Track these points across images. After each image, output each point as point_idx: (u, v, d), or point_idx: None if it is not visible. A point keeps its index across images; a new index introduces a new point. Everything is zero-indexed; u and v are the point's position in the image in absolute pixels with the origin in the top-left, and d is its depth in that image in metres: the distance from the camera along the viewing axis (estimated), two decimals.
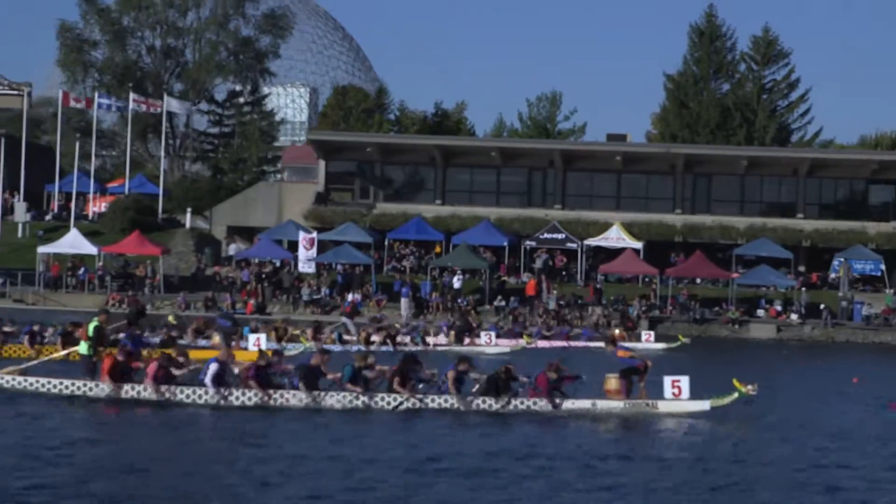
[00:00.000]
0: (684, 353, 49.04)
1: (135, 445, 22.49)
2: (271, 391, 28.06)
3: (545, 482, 19.52)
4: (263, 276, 69.22)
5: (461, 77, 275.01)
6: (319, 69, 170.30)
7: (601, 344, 45.32)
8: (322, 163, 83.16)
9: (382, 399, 28.05)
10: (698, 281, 72.52)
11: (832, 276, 73.77)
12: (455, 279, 69.33)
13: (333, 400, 27.95)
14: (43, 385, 28.91)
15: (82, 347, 30.45)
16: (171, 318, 47.81)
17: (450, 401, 28.02)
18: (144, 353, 33.24)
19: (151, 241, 72.13)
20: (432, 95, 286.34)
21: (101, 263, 70.81)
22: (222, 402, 27.90)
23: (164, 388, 28.06)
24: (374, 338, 46.95)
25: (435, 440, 23.63)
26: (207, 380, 28.08)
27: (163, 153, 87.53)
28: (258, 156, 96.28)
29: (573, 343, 52.50)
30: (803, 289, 69.40)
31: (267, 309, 65.44)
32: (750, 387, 27.35)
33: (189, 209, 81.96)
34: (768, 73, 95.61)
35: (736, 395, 27.50)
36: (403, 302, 65.51)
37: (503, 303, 66.34)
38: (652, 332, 54.94)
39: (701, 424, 26.64)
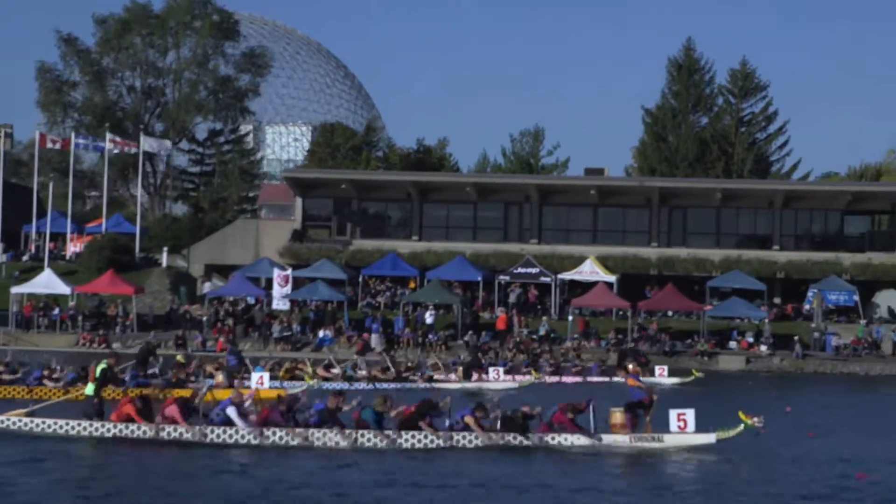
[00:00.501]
0: (698, 387, 49.63)
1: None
2: (304, 430, 28.52)
3: None
4: (234, 313, 69.25)
5: (445, 113, 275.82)
6: (321, 108, 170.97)
7: (607, 378, 45.56)
8: (299, 200, 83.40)
9: (413, 437, 28.55)
10: (670, 314, 72.49)
11: (806, 307, 73.82)
12: (427, 314, 69.38)
13: (365, 438, 28.41)
14: (49, 427, 29.13)
15: (88, 388, 30.90)
16: (179, 358, 47.71)
17: (475, 440, 28.55)
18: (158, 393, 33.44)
19: (125, 281, 72.18)
20: (417, 131, 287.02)
21: (73, 303, 70.87)
22: (255, 440, 28.31)
23: (197, 427, 28.49)
24: (383, 375, 47.50)
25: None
26: (238, 420, 28.54)
27: (139, 192, 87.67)
28: (238, 194, 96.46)
29: (579, 378, 52.84)
30: (766, 320, 69.34)
31: (238, 346, 65.37)
32: (756, 419, 27.38)
33: (166, 248, 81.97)
34: (746, 105, 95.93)
35: (742, 427, 27.50)
36: (374, 337, 65.62)
37: (474, 337, 66.27)
38: (665, 367, 55.08)
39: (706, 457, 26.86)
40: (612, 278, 73.52)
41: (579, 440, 28.33)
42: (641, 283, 76.38)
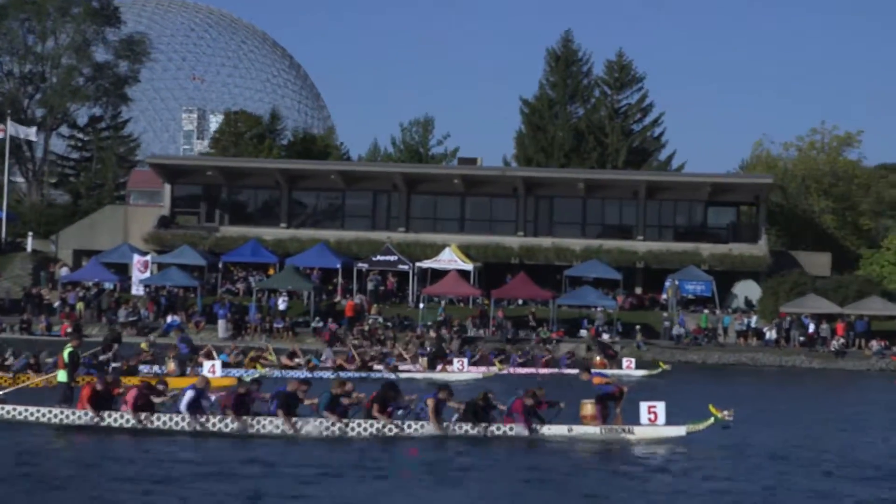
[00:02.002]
0: (663, 379, 50.15)
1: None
2: (249, 418, 28.11)
3: None
4: (85, 298, 69.11)
5: (337, 103, 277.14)
6: (267, 97, 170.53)
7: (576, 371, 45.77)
8: (167, 186, 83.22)
9: (360, 426, 28.09)
10: (521, 302, 73.14)
11: (663, 296, 74.70)
12: (280, 301, 69.53)
13: (310, 427, 27.97)
14: (20, 413, 28.77)
15: (61, 375, 30.37)
16: (143, 346, 47.49)
17: (428, 428, 28.07)
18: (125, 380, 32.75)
19: None
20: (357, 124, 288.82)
21: None
22: (199, 428, 27.94)
23: (142, 415, 28.14)
24: (348, 365, 47.47)
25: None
26: (182, 406, 28.21)
27: (6, 177, 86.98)
28: (115, 181, 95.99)
29: (547, 370, 53.06)
30: (599, 309, 70.03)
31: (84, 331, 65.17)
32: (726, 412, 27.34)
33: (31, 233, 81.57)
34: (622, 97, 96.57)
35: (712, 420, 27.52)
36: (220, 323, 65.70)
37: (321, 324, 66.50)
38: (633, 360, 55.47)
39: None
40: (469, 266, 73.94)
41: (523, 432, 28.15)
42: (503, 272, 76.91)
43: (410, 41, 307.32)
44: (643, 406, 28.43)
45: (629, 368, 53.50)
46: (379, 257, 74.44)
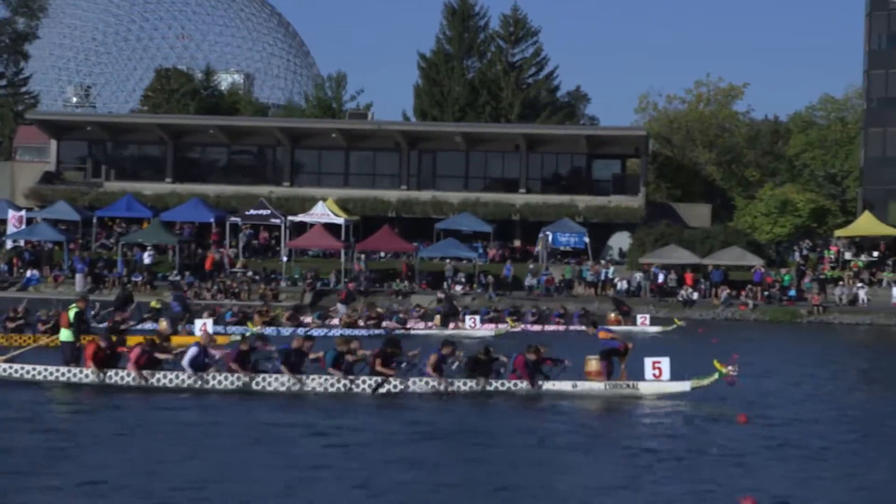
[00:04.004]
0: (677, 335, 50.20)
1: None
2: (253, 374, 28.37)
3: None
4: None
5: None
6: (255, 55, 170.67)
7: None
8: (53, 142, 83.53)
9: (364, 382, 28.38)
10: (383, 255, 73.77)
11: (537, 249, 75.28)
12: (146, 255, 70.03)
13: (316, 383, 28.25)
14: (28, 372, 28.98)
15: (64, 334, 30.16)
16: (154, 304, 47.27)
17: (431, 383, 28.33)
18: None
19: None
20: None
21: None
22: (202, 385, 28.18)
23: (146, 373, 28.35)
24: (360, 322, 47.52)
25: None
26: (185, 363, 28.42)
27: None
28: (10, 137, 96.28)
29: (553, 327, 53.11)
30: (449, 261, 70.58)
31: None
32: (730, 367, 27.57)
33: None
34: (517, 51, 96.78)
35: (716, 375, 27.73)
36: (78, 277, 66.23)
37: (178, 277, 67.10)
38: (647, 316, 55.26)
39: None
40: (341, 220, 74.39)
41: (526, 387, 28.37)
42: (382, 226, 77.32)
43: None
44: (647, 362, 28.74)
45: (644, 325, 53.34)
46: (252, 211, 74.87)
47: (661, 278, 67.66)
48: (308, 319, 47.61)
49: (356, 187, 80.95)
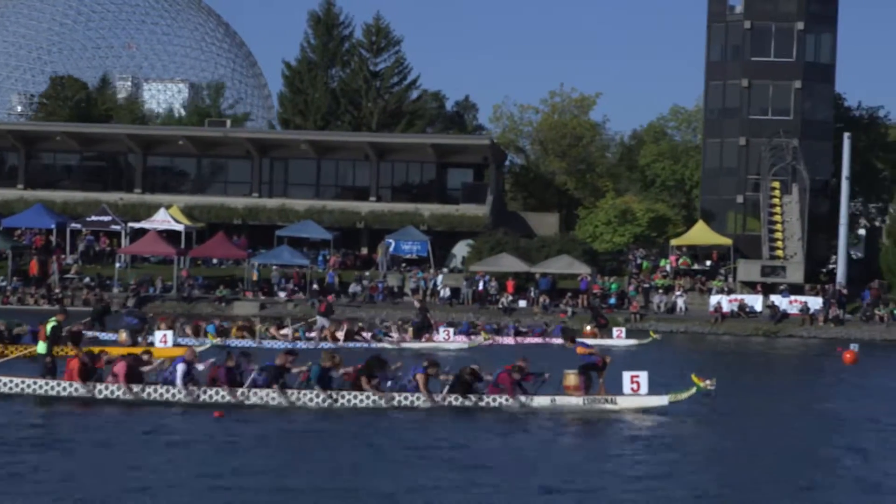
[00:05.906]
0: (652, 349, 50.23)
1: None
2: (242, 390, 28.57)
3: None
4: None
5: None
6: (199, 65, 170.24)
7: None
8: None
9: (345, 398, 28.63)
10: (215, 262, 74.36)
11: (379, 257, 76.10)
12: None
13: (305, 399, 28.49)
14: (5, 385, 29.06)
15: (40, 347, 30.36)
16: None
17: (421, 398, 28.61)
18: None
19: None
20: None
21: None
22: (192, 399, 28.40)
23: (135, 387, 28.54)
24: (339, 334, 47.44)
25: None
26: (178, 380, 28.58)
27: None
28: None
29: (528, 340, 52.66)
30: (275, 267, 71.34)
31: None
32: (708, 381, 27.68)
33: None
34: (379, 60, 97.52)
35: (694, 389, 27.91)
36: None
37: (4, 283, 67.31)
38: (623, 329, 55.18)
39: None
40: (180, 227, 74.77)
41: (511, 404, 28.70)
42: (229, 233, 77.83)
43: None
44: (626, 376, 28.96)
45: (619, 338, 53.19)
46: (94, 217, 75.19)
47: (481, 286, 68.64)
48: (287, 332, 48.09)
49: (209, 194, 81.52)
